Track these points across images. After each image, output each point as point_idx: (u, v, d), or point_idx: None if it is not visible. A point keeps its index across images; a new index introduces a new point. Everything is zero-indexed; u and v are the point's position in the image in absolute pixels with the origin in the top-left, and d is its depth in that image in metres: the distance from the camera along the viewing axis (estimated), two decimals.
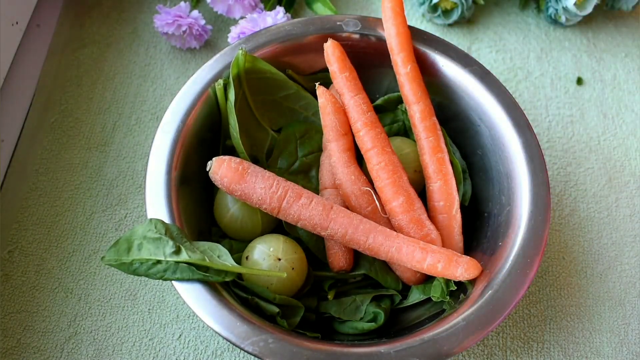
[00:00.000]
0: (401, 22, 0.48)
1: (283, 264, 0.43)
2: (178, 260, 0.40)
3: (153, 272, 0.40)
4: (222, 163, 0.43)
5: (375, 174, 0.45)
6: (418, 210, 0.45)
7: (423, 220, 0.45)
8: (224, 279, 0.40)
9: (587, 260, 0.55)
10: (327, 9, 0.66)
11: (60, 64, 0.64)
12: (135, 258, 0.40)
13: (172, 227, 0.41)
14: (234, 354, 0.50)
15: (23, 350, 0.49)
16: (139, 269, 0.40)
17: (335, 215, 0.43)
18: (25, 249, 0.54)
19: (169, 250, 0.40)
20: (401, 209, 0.45)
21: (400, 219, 0.45)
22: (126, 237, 0.40)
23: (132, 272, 0.40)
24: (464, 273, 0.42)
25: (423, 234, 0.44)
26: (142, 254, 0.40)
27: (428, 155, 0.47)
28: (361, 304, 0.46)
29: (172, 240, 0.40)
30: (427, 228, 0.45)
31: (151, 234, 0.40)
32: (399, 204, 0.45)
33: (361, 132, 0.46)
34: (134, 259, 0.40)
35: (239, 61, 0.46)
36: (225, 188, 0.43)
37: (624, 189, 0.59)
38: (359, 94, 0.47)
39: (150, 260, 0.40)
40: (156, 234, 0.40)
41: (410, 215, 0.45)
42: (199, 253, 0.40)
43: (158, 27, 0.62)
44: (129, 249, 0.40)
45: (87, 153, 0.59)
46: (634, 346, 0.52)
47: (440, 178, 0.46)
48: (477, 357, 0.51)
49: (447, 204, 0.46)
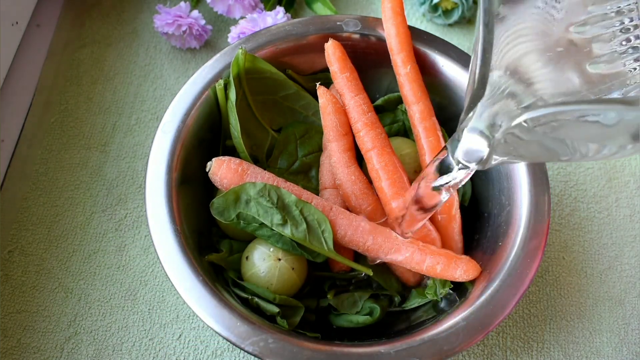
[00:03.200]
0: (401, 22, 0.48)
1: (283, 265, 0.43)
2: (282, 232, 0.42)
3: (260, 233, 0.43)
4: (222, 164, 0.43)
5: (375, 174, 0.45)
6: None
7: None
8: (315, 260, 0.44)
9: (587, 260, 0.55)
10: (327, 9, 0.66)
11: (60, 64, 0.64)
12: (242, 212, 0.42)
13: (285, 195, 0.42)
14: (234, 354, 0.50)
15: (23, 350, 0.49)
16: (246, 227, 0.42)
17: (334, 217, 0.43)
18: (25, 249, 0.54)
19: (276, 221, 0.42)
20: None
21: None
22: (235, 189, 0.42)
23: (236, 225, 0.42)
24: (463, 274, 0.42)
25: (422, 234, 0.45)
26: (250, 210, 0.42)
27: (428, 156, 0.47)
28: (359, 299, 0.46)
29: (281, 212, 0.42)
30: (427, 228, 0.45)
31: (263, 200, 0.42)
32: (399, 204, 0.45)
33: (361, 133, 0.46)
34: (241, 212, 0.42)
35: (239, 61, 0.46)
36: (224, 189, 0.43)
37: (624, 189, 0.59)
38: (359, 94, 0.47)
39: (257, 221, 0.42)
40: (268, 202, 0.42)
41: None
42: (302, 231, 0.42)
43: (158, 27, 0.62)
44: (236, 200, 0.42)
45: (87, 153, 0.59)
46: (634, 346, 0.52)
47: None
48: (477, 357, 0.51)
49: (446, 205, 0.46)
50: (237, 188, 0.42)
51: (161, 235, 0.41)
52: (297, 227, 0.42)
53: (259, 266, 0.43)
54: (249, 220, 0.42)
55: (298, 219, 0.42)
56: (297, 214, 0.42)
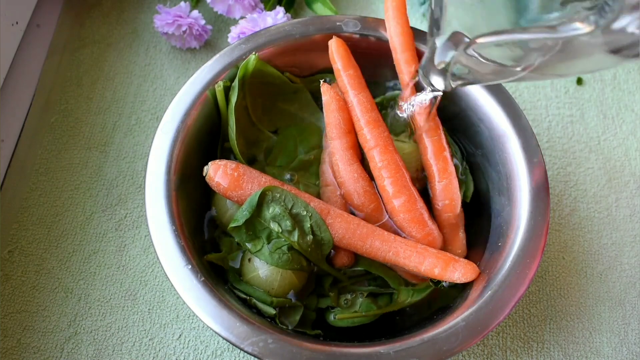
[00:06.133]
0: (405, 22, 0.48)
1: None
2: (288, 239, 0.42)
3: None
4: (218, 169, 0.43)
5: (378, 172, 0.45)
6: (420, 210, 0.45)
7: (425, 219, 0.45)
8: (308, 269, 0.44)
9: (587, 260, 0.55)
10: (327, 9, 0.66)
11: (60, 64, 0.64)
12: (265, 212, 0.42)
13: (299, 203, 0.43)
14: (234, 354, 0.50)
15: (23, 350, 0.49)
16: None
17: (332, 220, 0.43)
18: (25, 249, 0.54)
19: (284, 227, 0.42)
20: (403, 208, 0.45)
21: (402, 218, 0.45)
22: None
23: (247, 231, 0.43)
24: (461, 276, 0.42)
25: (425, 233, 0.45)
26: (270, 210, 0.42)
27: (432, 155, 0.47)
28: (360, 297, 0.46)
29: (292, 220, 0.42)
30: (429, 227, 0.45)
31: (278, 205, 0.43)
32: (401, 203, 0.45)
33: (364, 130, 0.46)
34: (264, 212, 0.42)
35: (248, 65, 0.46)
36: (222, 193, 0.43)
37: (624, 189, 0.59)
38: (362, 92, 0.47)
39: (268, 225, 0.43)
40: (282, 207, 0.43)
41: (411, 215, 0.45)
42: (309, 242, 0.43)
43: (158, 27, 0.62)
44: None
45: (87, 153, 0.59)
46: (634, 346, 0.52)
47: (445, 177, 0.46)
48: (477, 357, 0.51)
49: (452, 203, 0.46)
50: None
51: (161, 236, 0.41)
52: (304, 238, 0.42)
53: (260, 269, 0.43)
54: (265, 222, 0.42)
55: (307, 231, 0.42)
56: (307, 227, 0.42)
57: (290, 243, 0.42)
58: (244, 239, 0.43)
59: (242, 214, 0.42)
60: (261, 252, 0.43)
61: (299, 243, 0.42)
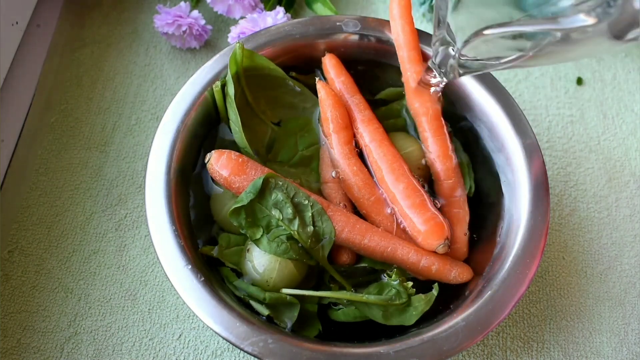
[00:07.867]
0: (410, 21, 0.48)
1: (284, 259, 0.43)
2: (288, 228, 0.42)
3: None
4: (222, 155, 0.43)
5: (376, 165, 0.46)
6: (420, 196, 0.45)
7: (427, 204, 0.44)
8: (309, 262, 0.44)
9: (587, 260, 0.55)
10: (327, 9, 0.66)
11: (60, 64, 0.64)
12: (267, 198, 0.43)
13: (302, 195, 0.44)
14: (234, 354, 0.50)
15: (23, 350, 0.49)
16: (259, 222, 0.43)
17: (332, 213, 0.44)
18: (25, 249, 0.54)
19: (285, 215, 0.42)
20: (403, 195, 0.44)
21: (404, 205, 0.45)
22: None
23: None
24: (457, 277, 0.43)
25: (427, 216, 0.44)
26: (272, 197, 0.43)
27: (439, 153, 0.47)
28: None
29: (293, 208, 0.43)
30: (432, 212, 0.44)
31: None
32: (400, 191, 0.45)
33: (360, 128, 0.47)
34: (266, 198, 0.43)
35: (236, 56, 0.46)
36: (223, 180, 0.43)
37: (624, 189, 0.59)
38: (355, 94, 0.48)
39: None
40: (284, 194, 0.43)
41: (412, 201, 0.44)
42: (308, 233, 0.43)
43: (158, 27, 0.62)
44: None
45: (87, 153, 0.59)
46: (634, 346, 0.52)
47: (453, 175, 0.47)
48: (477, 357, 0.51)
49: (461, 199, 0.47)
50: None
51: (161, 236, 0.41)
52: (304, 228, 0.42)
53: (259, 259, 0.43)
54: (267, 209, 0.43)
55: (307, 221, 0.42)
56: (308, 216, 0.42)
57: (290, 232, 0.42)
58: (243, 224, 0.43)
59: (247, 194, 0.42)
60: (260, 240, 0.43)
61: (299, 232, 0.42)
